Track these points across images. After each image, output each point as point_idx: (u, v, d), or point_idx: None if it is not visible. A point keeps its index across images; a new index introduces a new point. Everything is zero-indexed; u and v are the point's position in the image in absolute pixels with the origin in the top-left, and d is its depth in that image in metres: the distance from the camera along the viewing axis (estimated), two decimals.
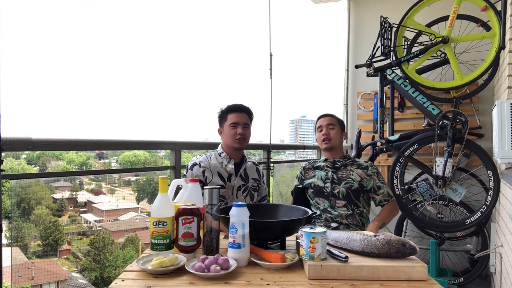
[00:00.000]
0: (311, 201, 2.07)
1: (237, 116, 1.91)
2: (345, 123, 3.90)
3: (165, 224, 1.15)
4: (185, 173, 1.89)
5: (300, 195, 2.14)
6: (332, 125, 2.06)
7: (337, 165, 2.04)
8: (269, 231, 1.25)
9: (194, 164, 1.86)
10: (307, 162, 2.19)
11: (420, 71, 2.91)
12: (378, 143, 2.86)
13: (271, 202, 3.03)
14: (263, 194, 2.05)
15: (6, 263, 1.38)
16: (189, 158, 2.01)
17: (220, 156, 1.93)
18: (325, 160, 2.10)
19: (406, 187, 2.76)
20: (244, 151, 2.11)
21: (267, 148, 3.06)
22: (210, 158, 1.91)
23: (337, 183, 1.98)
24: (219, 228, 1.19)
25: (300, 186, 2.13)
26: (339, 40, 3.97)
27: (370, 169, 2.03)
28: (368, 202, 2.04)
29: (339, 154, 2.09)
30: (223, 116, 1.96)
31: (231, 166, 1.90)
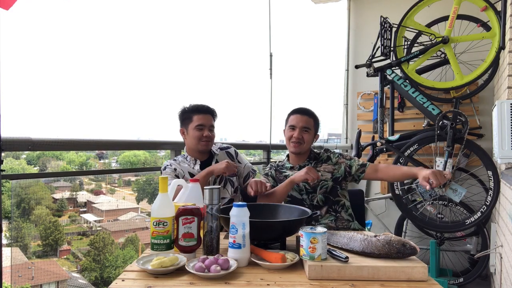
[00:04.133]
0: None
1: (203, 118, 1.84)
2: (345, 123, 3.90)
3: (165, 224, 1.15)
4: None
5: None
6: (307, 128, 1.83)
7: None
8: (269, 231, 1.26)
9: (166, 166, 1.85)
10: (273, 164, 1.97)
11: (420, 71, 2.91)
12: (378, 143, 2.86)
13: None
14: (244, 174, 1.97)
15: (6, 263, 1.38)
16: None
17: (186, 159, 1.90)
18: (291, 168, 1.88)
19: (406, 187, 2.76)
20: (244, 150, 2.10)
21: (267, 148, 3.06)
22: (179, 161, 1.89)
23: (312, 191, 1.80)
24: None
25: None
26: (339, 40, 3.96)
27: (333, 157, 1.87)
28: (345, 188, 1.88)
29: (304, 157, 1.89)
30: (187, 116, 1.88)
31: (197, 168, 1.86)
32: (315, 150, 1.94)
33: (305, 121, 1.84)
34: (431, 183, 1.50)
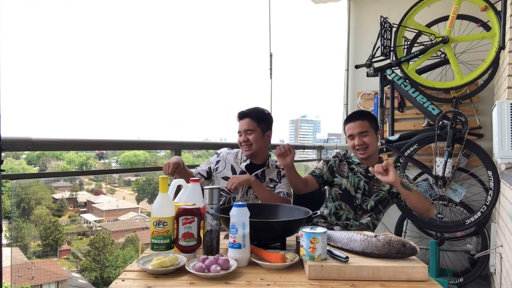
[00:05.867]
0: (330, 197, 1.90)
1: (239, 124, 1.92)
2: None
3: (165, 224, 1.15)
4: (215, 154, 2.01)
5: (319, 182, 1.88)
6: (365, 132, 1.81)
7: (370, 174, 1.83)
8: (269, 231, 1.25)
9: (216, 153, 2.00)
10: (339, 154, 1.97)
11: (420, 71, 2.91)
12: (378, 143, 2.86)
13: None
14: (277, 191, 1.90)
15: (6, 263, 1.38)
16: (189, 158, 2.01)
17: (238, 154, 1.98)
18: (359, 163, 1.90)
19: None
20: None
21: None
22: (231, 152, 1.99)
23: (368, 195, 1.83)
24: None
25: (326, 177, 1.89)
26: (339, 40, 3.97)
27: (398, 173, 1.82)
28: (392, 204, 1.91)
29: (374, 161, 1.85)
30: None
31: (243, 166, 1.92)
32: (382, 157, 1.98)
33: (359, 126, 1.82)
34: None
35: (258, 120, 1.90)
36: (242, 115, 1.93)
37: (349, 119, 1.88)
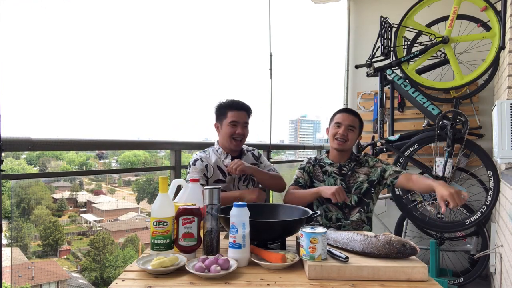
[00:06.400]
0: (317, 202, 1.92)
1: (237, 115, 1.86)
2: None
3: (165, 224, 1.15)
4: (188, 170, 1.87)
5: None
6: (352, 127, 1.89)
7: (343, 171, 1.91)
8: (269, 231, 1.26)
9: (196, 160, 1.86)
10: (311, 159, 2.02)
11: (420, 71, 2.91)
12: (378, 143, 2.86)
13: (270, 202, 3.03)
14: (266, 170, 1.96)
15: (6, 263, 1.38)
16: (189, 158, 2.00)
17: (217, 152, 1.92)
18: (331, 164, 1.95)
19: None
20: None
21: (267, 148, 3.06)
22: (209, 154, 1.91)
23: (348, 191, 1.86)
24: None
25: (308, 184, 1.93)
26: (339, 40, 3.96)
27: (371, 161, 1.93)
28: (378, 193, 1.94)
29: (346, 157, 1.94)
30: (222, 112, 1.90)
31: (228, 161, 1.88)
32: (355, 153, 2.00)
33: (351, 120, 1.90)
34: (447, 204, 1.52)
35: (249, 115, 1.93)
36: (241, 107, 1.89)
37: (345, 110, 1.95)
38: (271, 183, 1.91)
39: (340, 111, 1.96)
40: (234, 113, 1.86)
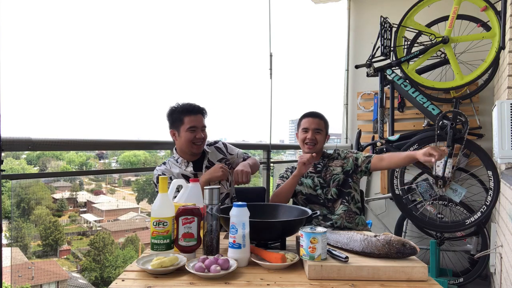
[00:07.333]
0: (300, 205, 1.95)
1: (195, 119, 1.78)
2: (345, 123, 3.91)
3: (165, 224, 1.15)
4: (156, 189, 1.76)
5: None
6: (319, 130, 1.96)
7: (318, 168, 1.97)
8: (269, 231, 1.26)
9: (159, 176, 1.81)
10: (289, 168, 2.08)
11: (420, 71, 2.91)
12: (378, 143, 2.86)
13: (271, 187, 3.02)
14: (238, 162, 1.93)
15: (6, 263, 1.38)
16: None
17: (177, 162, 1.85)
18: None
19: (406, 187, 2.76)
20: (243, 150, 2.09)
21: (267, 148, 3.06)
22: (170, 166, 1.83)
23: (327, 185, 1.92)
24: None
25: None
26: (339, 40, 3.96)
27: (342, 154, 2.00)
28: (357, 182, 1.98)
29: (318, 157, 2.01)
30: (177, 117, 1.80)
31: (190, 169, 1.82)
32: (326, 152, 2.06)
33: (316, 123, 1.97)
34: (434, 156, 1.60)
35: (205, 116, 1.87)
36: (197, 111, 1.81)
37: (309, 115, 2.00)
38: (254, 170, 1.95)
39: (305, 115, 2.01)
40: (191, 118, 1.78)
